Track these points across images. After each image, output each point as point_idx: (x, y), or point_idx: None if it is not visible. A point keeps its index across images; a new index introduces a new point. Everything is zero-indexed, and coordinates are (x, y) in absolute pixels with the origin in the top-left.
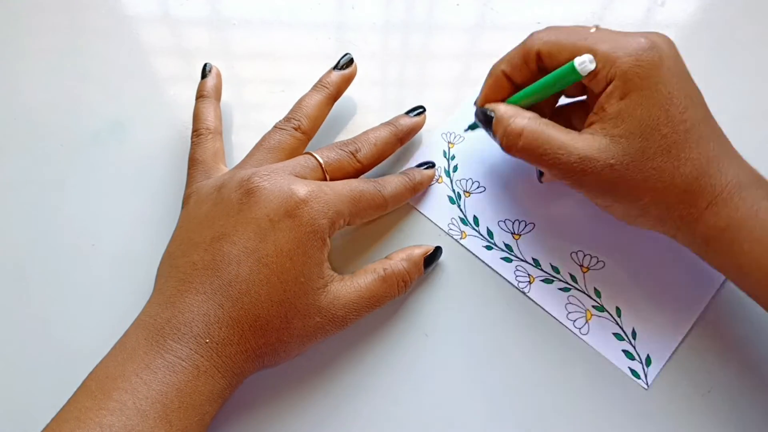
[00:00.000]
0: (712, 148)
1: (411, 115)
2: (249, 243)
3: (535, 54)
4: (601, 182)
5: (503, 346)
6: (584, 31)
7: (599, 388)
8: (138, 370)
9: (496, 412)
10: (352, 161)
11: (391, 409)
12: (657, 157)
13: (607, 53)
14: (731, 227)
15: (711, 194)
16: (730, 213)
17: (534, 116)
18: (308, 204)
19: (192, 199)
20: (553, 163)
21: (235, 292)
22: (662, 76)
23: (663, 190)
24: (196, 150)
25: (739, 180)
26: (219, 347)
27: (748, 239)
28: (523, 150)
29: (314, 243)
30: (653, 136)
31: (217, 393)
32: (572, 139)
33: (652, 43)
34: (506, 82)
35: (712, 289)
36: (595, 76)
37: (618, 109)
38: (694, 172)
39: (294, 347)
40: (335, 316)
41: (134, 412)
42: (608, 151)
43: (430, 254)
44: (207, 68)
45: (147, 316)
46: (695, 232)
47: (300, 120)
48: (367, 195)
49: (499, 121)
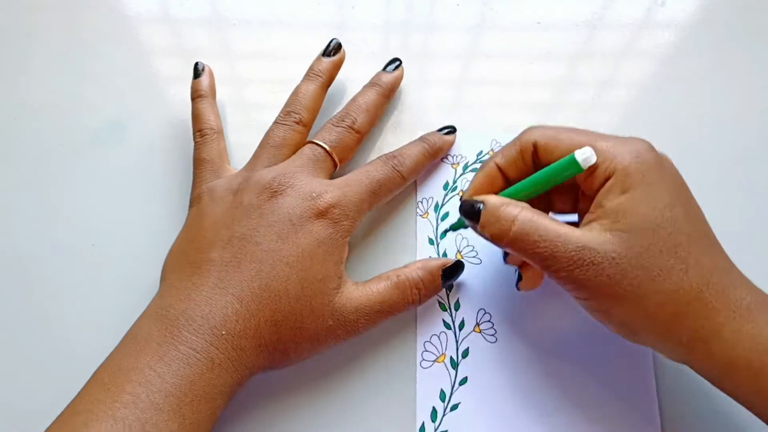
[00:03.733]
0: (720, 257)
1: (390, 70)
2: (271, 244)
3: (532, 146)
4: (600, 278)
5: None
6: (582, 130)
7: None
8: (152, 363)
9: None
10: (351, 134)
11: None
12: (664, 256)
13: (607, 149)
14: (758, 348)
15: (727, 308)
16: (752, 331)
17: (527, 206)
18: (330, 209)
19: (205, 199)
20: (548, 252)
21: (255, 286)
22: (664, 177)
23: (671, 294)
24: (202, 149)
25: (755, 296)
26: (234, 340)
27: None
28: (515, 238)
29: (336, 243)
30: (658, 233)
31: (229, 387)
32: (570, 229)
33: (652, 147)
34: (499, 175)
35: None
36: (593, 171)
37: (619, 204)
38: (704, 278)
39: (304, 349)
40: (346, 320)
41: (148, 405)
42: (610, 244)
43: (449, 268)
44: (200, 67)
45: (159, 308)
46: (713, 351)
47: (300, 113)
48: (386, 182)
49: (489, 210)
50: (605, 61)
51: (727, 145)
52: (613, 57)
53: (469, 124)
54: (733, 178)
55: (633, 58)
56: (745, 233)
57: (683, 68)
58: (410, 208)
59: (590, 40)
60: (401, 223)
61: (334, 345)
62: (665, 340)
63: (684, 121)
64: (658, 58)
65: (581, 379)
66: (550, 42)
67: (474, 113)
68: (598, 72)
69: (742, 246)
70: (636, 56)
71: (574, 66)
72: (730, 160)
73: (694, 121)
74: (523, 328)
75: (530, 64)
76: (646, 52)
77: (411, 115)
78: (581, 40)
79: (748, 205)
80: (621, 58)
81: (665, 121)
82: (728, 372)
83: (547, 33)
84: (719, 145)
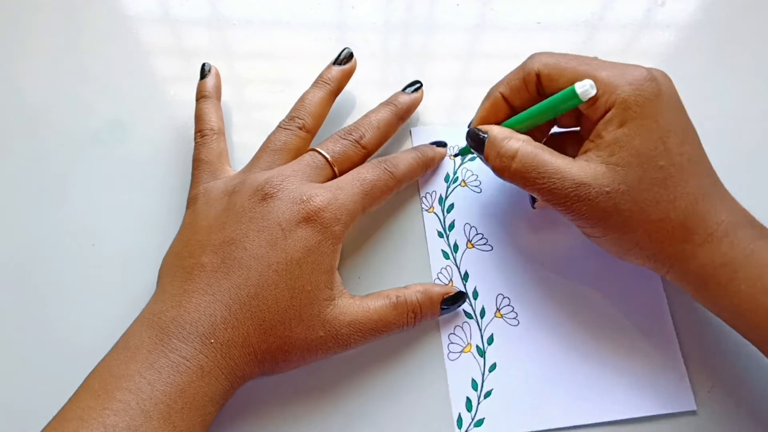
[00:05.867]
0: (707, 184)
1: (409, 92)
2: (260, 250)
3: (535, 75)
4: (595, 210)
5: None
6: (585, 58)
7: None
8: (142, 370)
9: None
10: (357, 149)
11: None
12: (653, 188)
13: (607, 80)
14: (727, 266)
15: (705, 231)
16: (725, 251)
17: (528, 139)
18: (320, 213)
19: (200, 201)
20: (546, 187)
21: (243, 294)
22: (661, 107)
23: (657, 222)
24: (201, 150)
25: (734, 219)
26: (223, 348)
27: (744, 279)
28: (515, 173)
29: (325, 250)
30: (650, 167)
31: (219, 394)
32: (567, 164)
33: (652, 75)
34: (504, 104)
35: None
36: (594, 102)
37: (615, 137)
38: (689, 206)
39: (294, 358)
40: (339, 334)
41: (138, 413)
42: (604, 178)
43: (450, 297)
44: (206, 68)
45: (151, 314)
46: (689, 270)
47: (304, 119)
48: (378, 184)
49: (492, 142)
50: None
51: (727, 145)
52: (613, 57)
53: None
54: (733, 178)
55: (633, 58)
56: None
57: (683, 68)
58: (415, 205)
59: (590, 40)
60: (408, 221)
61: (324, 356)
62: (649, 260)
63: None
64: (658, 58)
65: (606, 347)
66: (550, 42)
67: (474, 113)
68: None
69: None
70: (636, 56)
71: None
72: (730, 160)
73: (694, 121)
74: (544, 307)
75: None
76: (646, 52)
77: (423, 122)
78: (581, 40)
79: (748, 205)
80: (621, 58)
81: None
82: (701, 286)
83: (547, 33)
84: (719, 145)
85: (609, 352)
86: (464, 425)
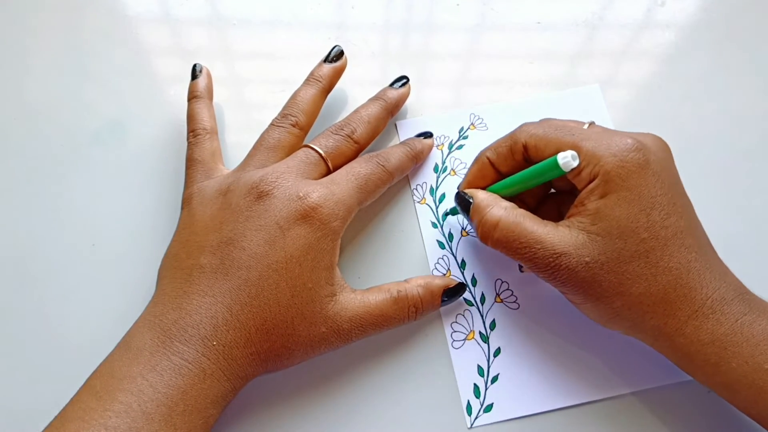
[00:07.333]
0: (694, 258)
1: (396, 87)
2: (258, 249)
3: (522, 146)
4: (575, 279)
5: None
6: (574, 127)
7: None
8: (144, 372)
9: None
10: (350, 144)
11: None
12: (633, 261)
13: (592, 151)
14: (715, 343)
15: (690, 307)
16: (712, 328)
17: (511, 206)
18: (318, 209)
19: (195, 201)
20: (528, 256)
21: (244, 295)
22: (647, 179)
23: (638, 296)
24: (194, 150)
25: (722, 294)
26: (225, 350)
27: (735, 357)
28: (498, 242)
29: (325, 246)
30: (631, 239)
31: (221, 396)
32: (548, 232)
33: (639, 144)
34: (491, 169)
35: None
36: (579, 173)
37: (597, 207)
38: (672, 281)
39: (297, 355)
40: (340, 329)
41: (139, 415)
42: (584, 248)
43: (451, 289)
44: (197, 69)
45: (152, 316)
46: (675, 345)
47: (296, 116)
48: (372, 177)
49: (476, 208)
50: (605, 61)
51: (727, 145)
52: (613, 57)
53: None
54: (733, 178)
55: (633, 58)
56: (745, 233)
57: (683, 68)
58: (406, 198)
59: (590, 40)
60: (401, 213)
61: (327, 351)
62: (631, 330)
63: (684, 121)
64: (658, 58)
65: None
66: (550, 42)
67: (474, 113)
68: (598, 72)
69: (742, 246)
70: (636, 56)
71: (574, 66)
72: (730, 159)
73: (694, 121)
74: (543, 288)
75: (530, 64)
76: (646, 52)
77: (411, 115)
78: (581, 40)
79: (748, 205)
80: (621, 58)
81: (665, 120)
82: (689, 362)
83: (547, 33)
84: (719, 145)
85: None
86: (474, 412)
